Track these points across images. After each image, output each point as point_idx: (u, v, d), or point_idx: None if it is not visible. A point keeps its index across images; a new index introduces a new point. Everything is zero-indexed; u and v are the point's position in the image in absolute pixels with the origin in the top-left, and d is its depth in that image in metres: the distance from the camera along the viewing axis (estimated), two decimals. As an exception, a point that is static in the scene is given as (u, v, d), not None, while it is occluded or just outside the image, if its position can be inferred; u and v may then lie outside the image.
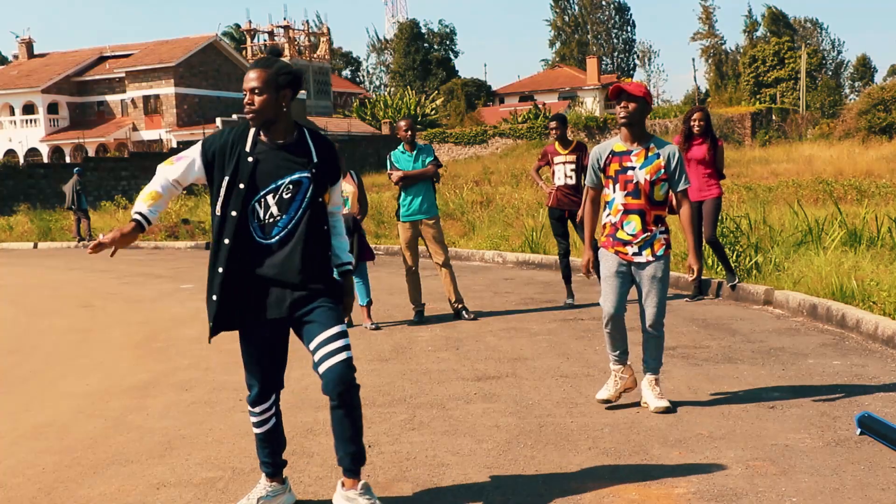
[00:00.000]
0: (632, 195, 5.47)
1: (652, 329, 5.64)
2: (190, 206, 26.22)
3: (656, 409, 5.52)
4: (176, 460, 5.07)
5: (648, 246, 5.51)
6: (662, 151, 5.48)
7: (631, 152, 5.49)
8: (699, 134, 9.38)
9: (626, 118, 5.42)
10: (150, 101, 56.24)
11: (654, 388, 5.64)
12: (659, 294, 5.56)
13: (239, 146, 3.97)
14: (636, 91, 5.38)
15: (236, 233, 3.95)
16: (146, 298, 12.17)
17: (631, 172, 5.45)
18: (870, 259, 9.70)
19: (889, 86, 51.91)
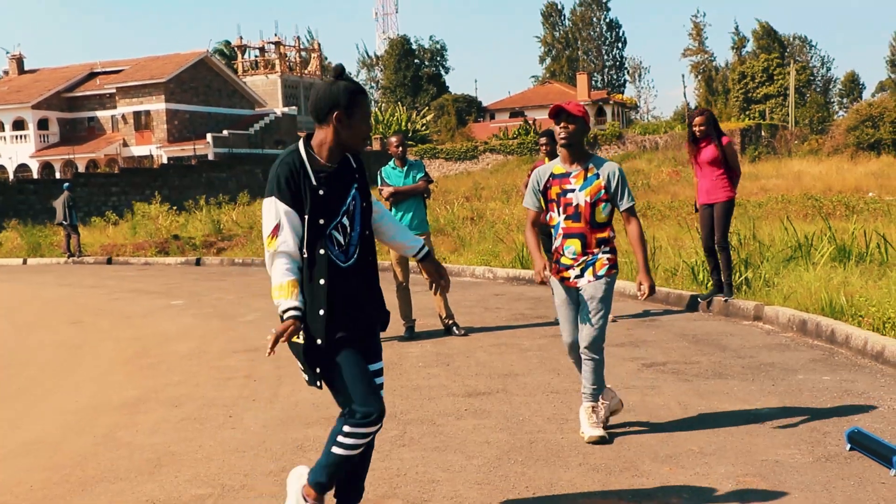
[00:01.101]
0: (571, 219, 5.29)
1: (589, 351, 5.32)
2: (181, 223, 26.18)
3: (590, 439, 5.25)
4: (165, 477, 5.05)
5: (590, 266, 5.30)
6: (602, 171, 5.29)
7: (570, 174, 5.33)
8: (703, 136, 9.31)
9: (566, 139, 5.27)
10: (141, 116, 56.23)
11: (591, 416, 5.37)
12: (598, 314, 5.28)
13: (304, 180, 3.74)
14: (576, 111, 5.25)
15: (329, 270, 3.76)
16: (136, 314, 12.14)
17: (571, 195, 5.28)
18: (859, 274, 9.74)
19: (877, 102, 52.24)
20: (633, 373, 7.08)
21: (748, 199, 22.67)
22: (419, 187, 9.16)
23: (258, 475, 5.01)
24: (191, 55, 58.17)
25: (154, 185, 38.30)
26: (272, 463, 5.22)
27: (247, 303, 12.68)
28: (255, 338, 9.65)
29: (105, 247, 24.09)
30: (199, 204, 30.82)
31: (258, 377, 7.65)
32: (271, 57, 69.98)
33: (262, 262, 18.78)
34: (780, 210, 18.58)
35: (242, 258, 19.71)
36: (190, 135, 55.33)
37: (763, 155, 51.09)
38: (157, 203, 28.42)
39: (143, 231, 25.38)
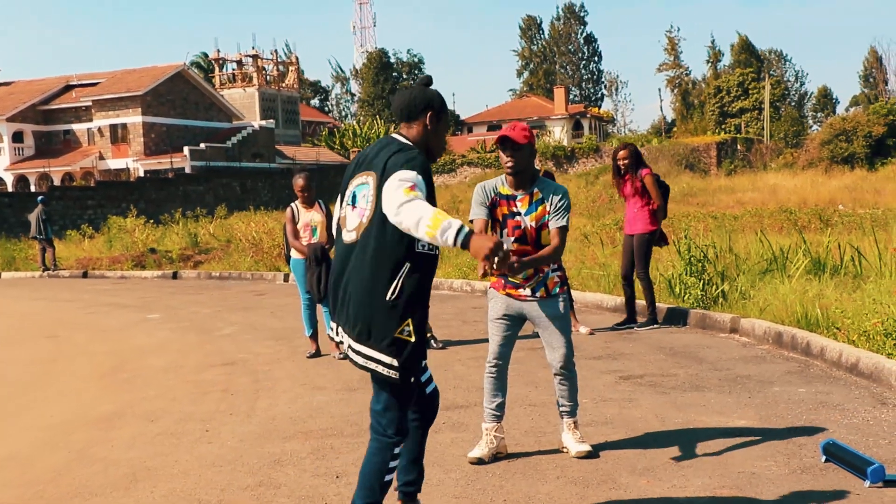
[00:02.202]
0: (519, 241, 5.23)
1: (564, 370, 5.29)
2: (157, 236, 26.06)
3: (578, 454, 5.24)
4: (141, 493, 5.01)
5: (542, 286, 5.25)
6: (546, 194, 5.24)
7: (516, 197, 5.27)
8: (626, 170, 9.63)
9: (513, 167, 5.18)
10: (117, 129, 55.96)
11: (575, 433, 5.37)
12: (564, 333, 5.27)
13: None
14: (521, 139, 5.13)
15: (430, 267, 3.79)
16: (112, 328, 12.06)
17: (518, 218, 5.22)
18: (833, 287, 9.82)
19: (850, 117, 52.73)
20: (610, 385, 7.10)
21: (724, 213, 22.82)
22: (397, 200, 9.14)
23: (235, 490, 4.98)
24: (168, 68, 57.98)
25: (130, 198, 38.09)
26: (249, 477, 5.19)
27: (224, 316, 12.63)
28: (232, 351, 9.61)
29: (81, 260, 23.93)
30: (176, 217, 30.71)
31: (235, 391, 7.61)
32: (249, 70, 69.88)
33: (240, 275, 18.75)
34: (756, 223, 18.70)
35: (220, 271, 19.63)
36: (167, 148, 55.11)
37: (739, 168, 51.44)
38: (133, 216, 28.26)
39: (120, 244, 25.24)
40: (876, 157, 46.41)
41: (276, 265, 18.67)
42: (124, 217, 29.17)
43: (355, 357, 3.76)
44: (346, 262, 3.79)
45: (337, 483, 5.00)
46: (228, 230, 25.89)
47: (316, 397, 7.23)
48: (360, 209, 3.76)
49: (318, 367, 8.56)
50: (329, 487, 4.94)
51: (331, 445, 5.78)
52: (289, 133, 70.43)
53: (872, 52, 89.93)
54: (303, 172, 9.34)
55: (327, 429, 6.21)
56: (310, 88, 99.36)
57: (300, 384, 7.77)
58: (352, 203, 3.84)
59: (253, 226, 23.64)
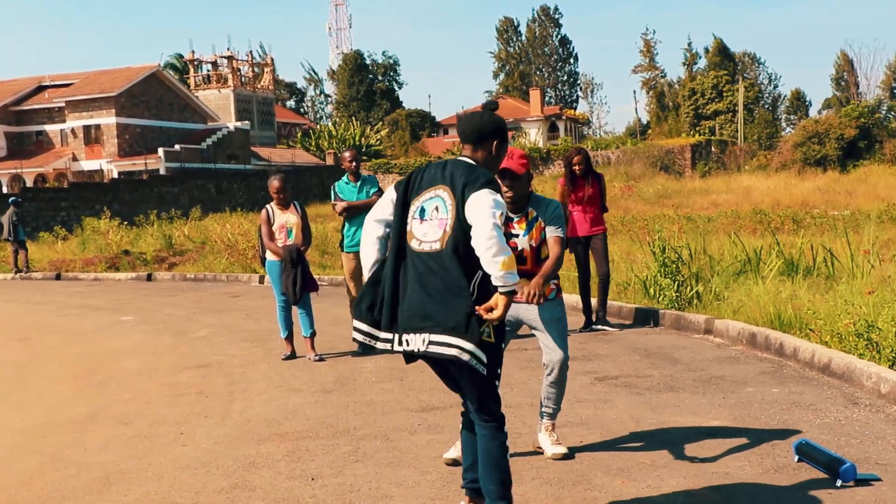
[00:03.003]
0: (517, 261, 5.19)
1: (559, 373, 5.36)
2: (132, 238, 25.89)
3: (554, 456, 5.28)
4: (114, 496, 4.98)
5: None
6: (540, 212, 5.37)
7: (512, 220, 5.39)
8: (581, 175, 9.76)
9: (512, 197, 5.30)
10: (91, 130, 55.53)
11: (552, 434, 5.44)
12: (562, 335, 5.37)
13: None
14: (520, 169, 5.25)
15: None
16: (86, 330, 11.98)
17: (515, 240, 5.35)
18: (806, 288, 9.89)
19: (822, 119, 53.22)
20: (586, 386, 7.12)
21: (699, 214, 22.95)
22: (372, 202, 9.15)
23: (209, 493, 4.96)
24: (142, 69, 57.61)
25: (104, 199, 37.84)
26: (224, 480, 5.17)
27: (198, 318, 12.57)
28: (206, 353, 9.57)
29: (54, 262, 23.75)
30: (151, 219, 30.51)
31: (210, 393, 7.58)
32: (224, 71, 69.56)
33: (215, 277, 18.67)
34: (730, 225, 18.82)
35: (195, 273, 19.54)
36: (141, 149, 54.74)
37: (713, 170, 51.78)
38: (107, 218, 28.06)
39: (93, 246, 25.06)
40: (848, 159, 46.86)
41: (251, 267, 18.60)
42: (98, 219, 28.96)
43: (434, 349, 3.88)
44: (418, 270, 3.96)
45: (312, 485, 4.99)
46: (203, 232, 25.76)
47: (291, 399, 7.21)
48: (439, 220, 3.99)
49: (294, 369, 8.54)
50: (304, 490, 4.92)
51: (306, 447, 5.76)
52: (264, 134, 70.17)
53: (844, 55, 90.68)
54: (278, 174, 9.31)
55: (302, 431, 6.20)
56: (285, 90, 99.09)
57: (275, 386, 7.75)
58: (420, 216, 4.05)
59: (228, 227, 23.55)
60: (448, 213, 3.97)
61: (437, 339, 3.86)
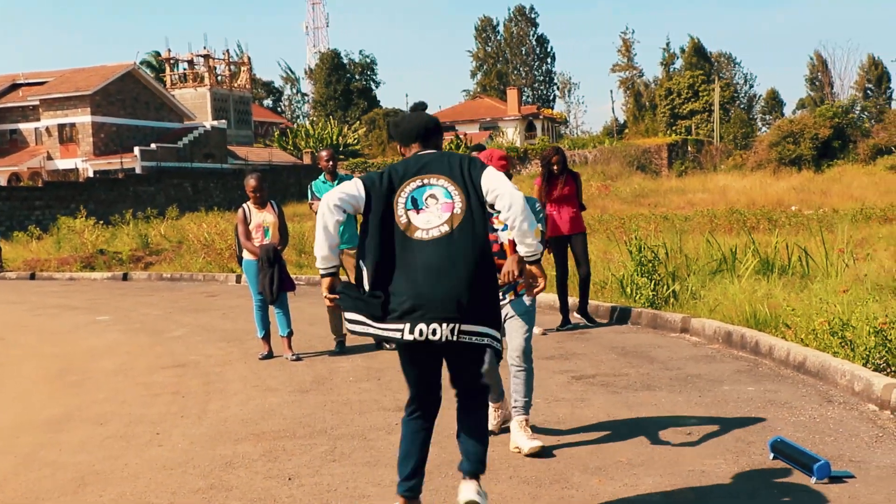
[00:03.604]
0: (496, 255, 5.41)
1: (521, 360, 5.48)
2: (107, 237, 25.72)
3: (531, 451, 5.30)
4: (89, 497, 4.95)
5: (511, 289, 5.56)
6: None
7: (492, 215, 5.35)
8: (559, 173, 9.81)
9: None
10: (66, 129, 55.09)
11: (526, 430, 5.46)
12: (526, 325, 5.52)
13: None
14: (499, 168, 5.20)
15: None
16: (61, 330, 11.89)
17: (494, 234, 5.52)
18: (782, 287, 9.96)
19: (797, 119, 53.57)
20: (562, 385, 7.14)
21: (675, 213, 23.05)
22: (350, 201, 9.13)
23: (186, 493, 4.94)
24: (117, 67, 57.20)
25: (80, 198, 37.54)
26: (200, 480, 5.15)
27: (175, 318, 12.51)
28: (183, 353, 9.52)
29: (28, 262, 23.55)
30: (127, 218, 30.31)
31: (186, 393, 7.54)
32: (200, 70, 69.21)
33: (191, 276, 18.58)
34: (707, 224, 18.92)
35: (171, 273, 19.44)
36: (117, 148, 54.35)
37: (689, 169, 52.01)
38: (82, 217, 27.84)
39: (69, 246, 24.88)
40: (822, 158, 47.20)
41: (228, 266, 18.53)
42: (73, 218, 28.73)
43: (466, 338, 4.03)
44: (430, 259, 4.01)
45: (289, 485, 4.98)
46: (180, 231, 25.62)
47: (268, 399, 7.19)
48: (443, 204, 4.06)
49: (271, 368, 8.51)
50: (281, 489, 4.91)
51: (283, 447, 5.75)
52: (241, 133, 69.87)
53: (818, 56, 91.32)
54: (255, 173, 9.29)
55: (279, 430, 6.18)
56: (262, 89, 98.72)
57: (252, 386, 7.72)
58: (416, 207, 4.08)
59: (205, 227, 23.42)
60: (451, 197, 4.07)
61: (468, 328, 4.01)
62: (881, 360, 6.62)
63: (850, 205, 24.20)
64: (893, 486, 4.58)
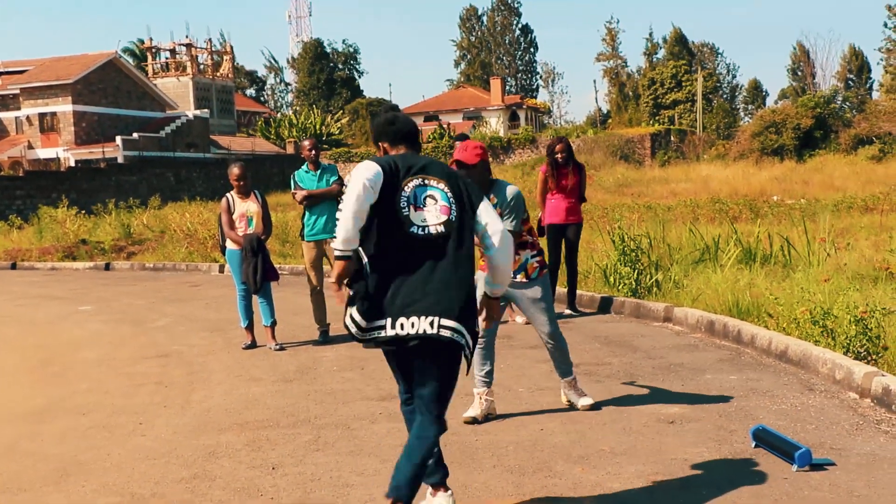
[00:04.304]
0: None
1: (552, 341, 6.02)
2: (89, 227, 25.58)
3: (583, 407, 6.00)
4: (72, 487, 4.93)
5: (522, 270, 5.87)
6: (499, 196, 5.66)
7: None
8: (563, 163, 9.84)
9: None
10: (47, 118, 54.71)
11: (576, 388, 6.14)
12: (546, 312, 5.97)
13: None
14: (472, 160, 5.47)
15: None
16: (42, 321, 11.83)
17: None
18: (764, 276, 10.01)
19: (779, 109, 53.64)
20: (546, 374, 7.16)
21: (658, 203, 23.11)
22: (332, 191, 9.13)
23: (169, 482, 4.93)
24: (99, 56, 56.81)
25: (61, 188, 37.30)
26: (184, 470, 5.14)
27: (158, 308, 12.46)
28: (166, 343, 9.49)
29: (9, 251, 23.40)
30: (109, 208, 30.13)
31: (169, 383, 7.52)
32: (182, 59, 68.84)
33: (174, 266, 18.52)
34: (689, 213, 18.98)
35: (154, 262, 19.36)
36: (98, 137, 54.01)
37: (672, 159, 52.06)
38: (64, 207, 27.65)
39: (50, 235, 24.72)
40: (804, 148, 47.33)
41: (211, 256, 18.47)
42: (55, 207, 28.54)
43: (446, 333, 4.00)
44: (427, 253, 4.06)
45: (273, 474, 4.98)
46: (163, 221, 25.51)
47: (252, 389, 7.18)
48: (440, 207, 4.11)
49: (254, 358, 8.50)
50: (265, 479, 4.91)
51: (267, 437, 5.75)
52: (224, 123, 69.57)
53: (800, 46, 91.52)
54: (238, 162, 9.26)
55: (263, 420, 6.18)
56: (245, 78, 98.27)
57: (235, 376, 7.71)
58: (416, 203, 4.10)
59: (188, 216, 23.31)
60: (449, 202, 4.13)
61: (447, 323, 3.99)
62: (862, 348, 6.67)
63: (831, 195, 24.31)
64: (873, 474, 4.62)
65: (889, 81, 63.42)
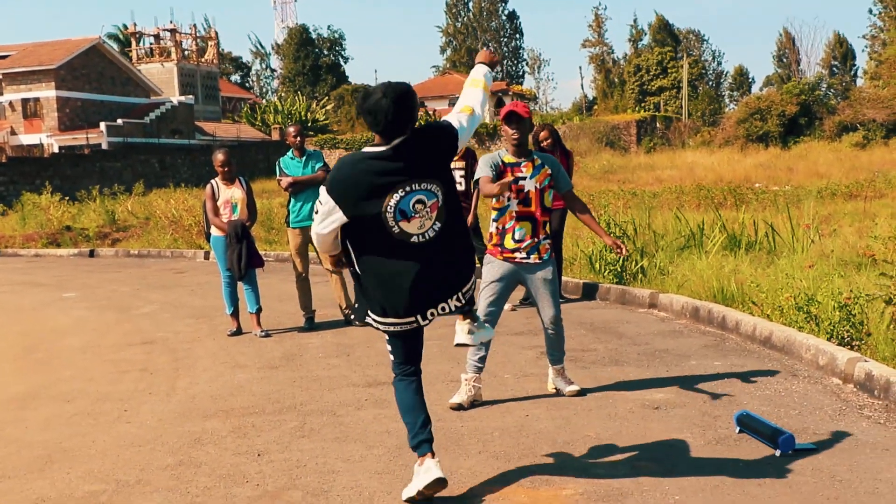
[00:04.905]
0: (523, 203, 5.85)
1: (554, 325, 6.04)
2: (74, 213, 25.46)
3: (570, 393, 6.06)
4: (56, 474, 4.92)
5: (535, 251, 5.88)
6: (546, 161, 5.95)
7: (520, 164, 5.89)
8: (549, 149, 9.80)
9: (518, 138, 5.84)
10: (30, 104, 54.31)
11: (564, 376, 6.20)
12: (553, 295, 5.97)
13: None
14: (525, 113, 5.78)
15: None
16: (26, 307, 11.78)
17: (522, 182, 5.83)
18: (748, 263, 10.04)
19: (764, 96, 53.77)
20: (531, 361, 7.17)
21: (644, 190, 23.15)
22: (318, 177, 9.11)
23: (154, 469, 4.92)
24: (82, 41, 56.40)
25: (45, 174, 37.08)
26: (169, 457, 5.13)
27: (143, 295, 12.42)
28: (151, 330, 9.47)
29: (-8, 238, 23.28)
30: (93, 194, 30.01)
31: (155, 370, 7.51)
32: (167, 45, 68.42)
33: (159, 253, 18.47)
34: (675, 200, 19.03)
35: (139, 249, 19.30)
36: (82, 123, 53.67)
37: (658, 146, 52.16)
38: (47, 193, 27.52)
39: (34, 222, 24.61)
40: (789, 135, 47.49)
41: (196, 243, 18.41)
42: (38, 194, 28.40)
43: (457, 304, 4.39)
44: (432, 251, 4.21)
45: (258, 461, 4.98)
46: (147, 207, 25.42)
47: (237, 375, 7.17)
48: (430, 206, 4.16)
49: (239, 345, 8.48)
50: (250, 466, 4.91)
51: (252, 423, 5.74)
52: (209, 109, 69.23)
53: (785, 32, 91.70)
54: (222, 148, 9.22)
55: (248, 407, 6.17)
56: (230, 64, 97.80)
57: (221, 362, 7.70)
58: (406, 217, 4.12)
59: (172, 203, 23.23)
60: (437, 194, 4.18)
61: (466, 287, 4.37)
62: (846, 334, 6.71)
63: (815, 181, 24.41)
64: (855, 458, 4.65)
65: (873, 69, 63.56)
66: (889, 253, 8.10)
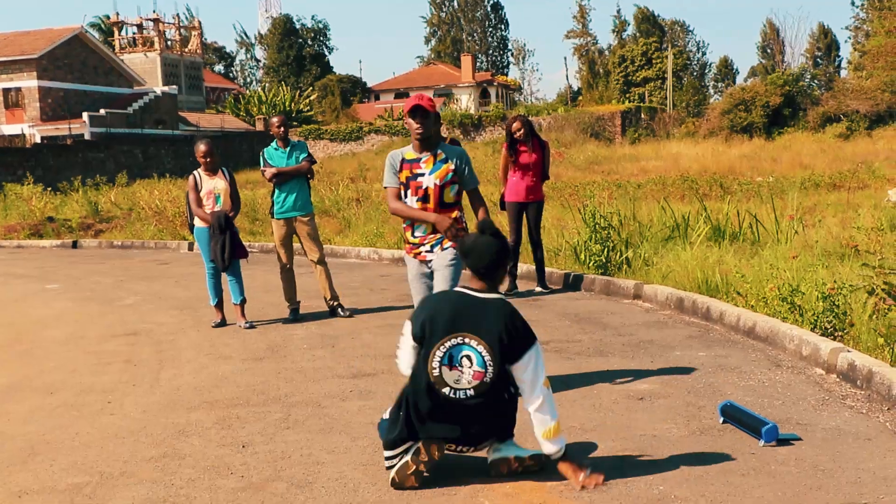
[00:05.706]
0: (422, 200, 5.72)
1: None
2: (56, 204, 25.31)
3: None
4: (39, 466, 4.89)
5: (438, 244, 5.76)
6: (449, 156, 5.75)
7: (420, 160, 5.75)
8: (522, 140, 9.84)
9: (422, 133, 5.66)
10: (11, 94, 53.95)
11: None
12: (452, 276, 5.68)
13: None
14: (429, 107, 5.66)
15: None
16: (8, 299, 11.71)
17: (420, 179, 5.71)
18: (733, 253, 10.08)
19: (749, 87, 53.90)
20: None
21: (628, 181, 23.18)
22: (302, 168, 9.09)
23: (138, 461, 4.90)
24: (65, 30, 56.02)
25: (27, 165, 36.85)
26: (153, 448, 5.11)
27: (126, 286, 12.37)
28: (135, 321, 9.43)
29: (-26, 229, 23.12)
30: (76, 185, 29.82)
31: (138, 362, 7.48)
32: (150, 34, 68.08)
33: (143, 244, 18.39)
34: (659, 191, 19.05)
35: (122, 240, 19.21)
36: (65, 113, 53.37)
37: (643, 137, 52.23)
38: (29, 184, 27.32)
39: (16, 213, 24.45)
40: (773, 126, 47.62)
41: (180, 234, 18.35)
42: (20, 184, 28.20)
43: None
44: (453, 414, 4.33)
45: (243, 453, 4.97)
46: (131, 198, 25.27)
47: (221, 367, 7.15)
48: (474, 372, 4.27)
49: (224, 336, 8.46)
50: (235, 457, 4.89)
51: (236, 415, 5.73)
52: (192, 99, 68.99)
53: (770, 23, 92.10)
54: (204, 139, 9.18)
55: (233, 398, 6.15)
56: (214, 54, 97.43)
57: (205, 354, 7.67)
58: (449, 364, 4.29)
59: (156, 194, 23.12)
60: (487, 367, 4.26)
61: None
62: (829, 324, 6.74)
63: (799, 172, 24.48)
64: (838, 448, 4.67)
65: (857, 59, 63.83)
66: (872, 244, 8.15)
